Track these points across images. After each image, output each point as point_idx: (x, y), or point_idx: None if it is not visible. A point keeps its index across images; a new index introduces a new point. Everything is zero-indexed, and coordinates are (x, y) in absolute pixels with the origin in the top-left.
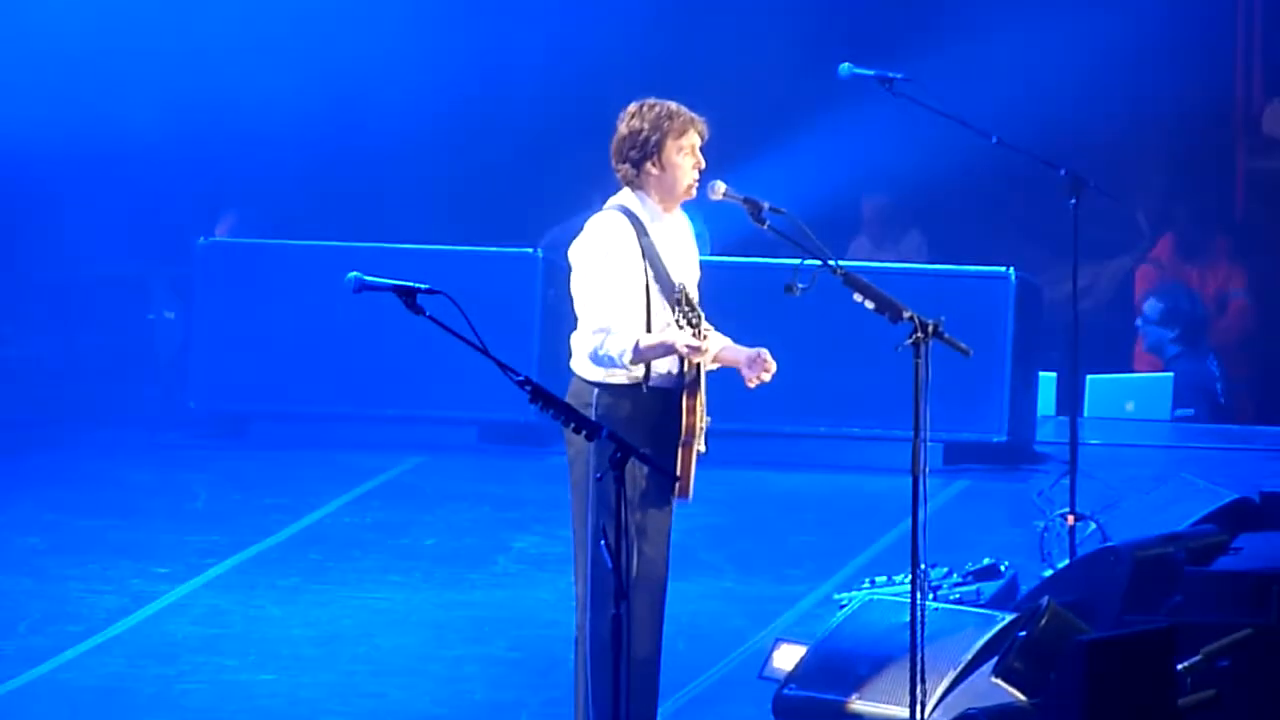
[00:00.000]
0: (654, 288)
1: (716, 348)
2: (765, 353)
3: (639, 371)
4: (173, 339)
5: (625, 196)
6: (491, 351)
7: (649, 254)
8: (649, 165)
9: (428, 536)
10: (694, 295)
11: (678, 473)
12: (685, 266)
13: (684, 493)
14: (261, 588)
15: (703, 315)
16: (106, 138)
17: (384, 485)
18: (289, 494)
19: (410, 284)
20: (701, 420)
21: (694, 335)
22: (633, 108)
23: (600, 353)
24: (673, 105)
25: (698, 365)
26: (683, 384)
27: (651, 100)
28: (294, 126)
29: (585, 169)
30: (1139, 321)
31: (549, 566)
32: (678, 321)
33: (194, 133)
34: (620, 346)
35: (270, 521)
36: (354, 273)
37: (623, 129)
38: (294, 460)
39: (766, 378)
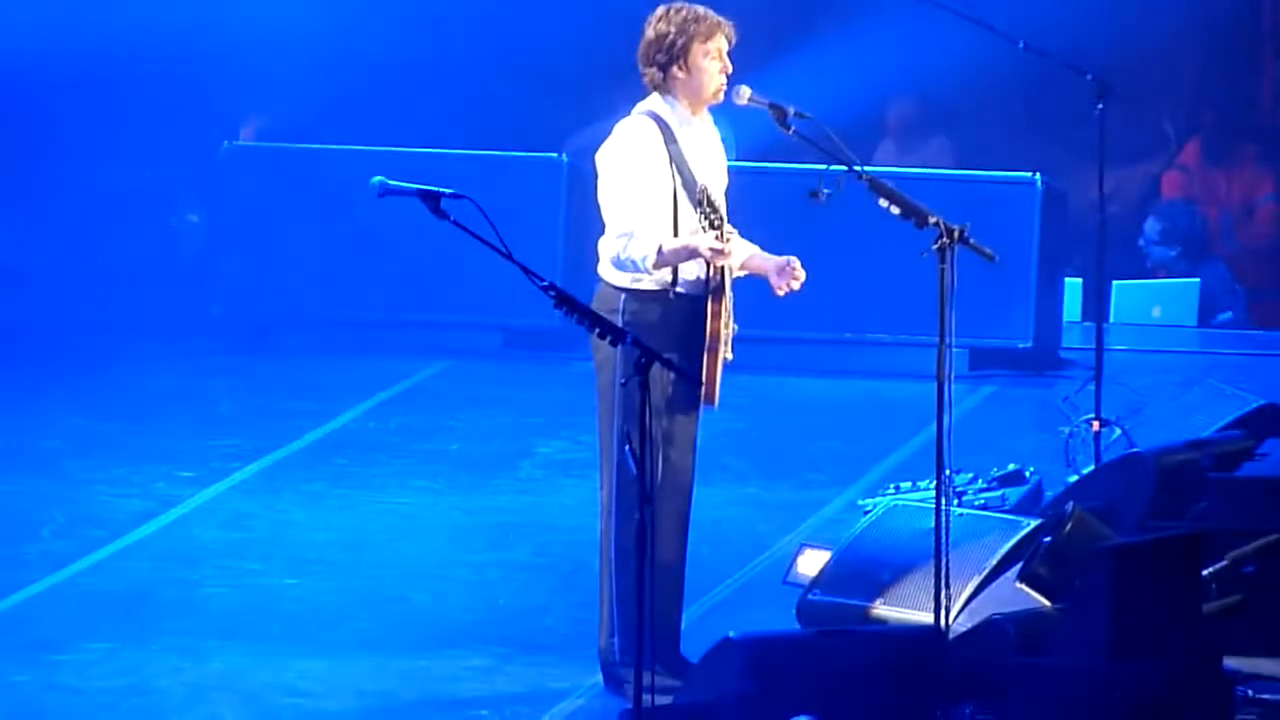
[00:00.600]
0: (681, 194)
1: (743, 255)
2: (795, 261)
3: (667, 277)
4: (196, 244)
5: (653, 101)
6: (516, 257)
7: (676, 160)
8: (675, 69)
9: (452, 442)
10: (717, 198)
11: (703, 379)
12: (713, 172)
13: (710, 400)
14: (286, 492)
15: (725, 217)
16: (130, 41)
17: (408, 390)
18: (313, 399)
19: (435, 189)
20: (727, 326)
21: (717, 237)
22: (660, 11)
23: (623, 257)
24: (700, 9)
25: (723, 270)
26: (709, 289)
27: (679, 4)
28: (318, 29)
29: (611, 73)
30: (1141, 242)
31: (573, 472)
32: (700, 223)
33: (217, 36)
34: (643, 251)
35: (294, 426)
36: (378, 177)
37: (650, 32)
38: (318, 365)
39: (796, 286)
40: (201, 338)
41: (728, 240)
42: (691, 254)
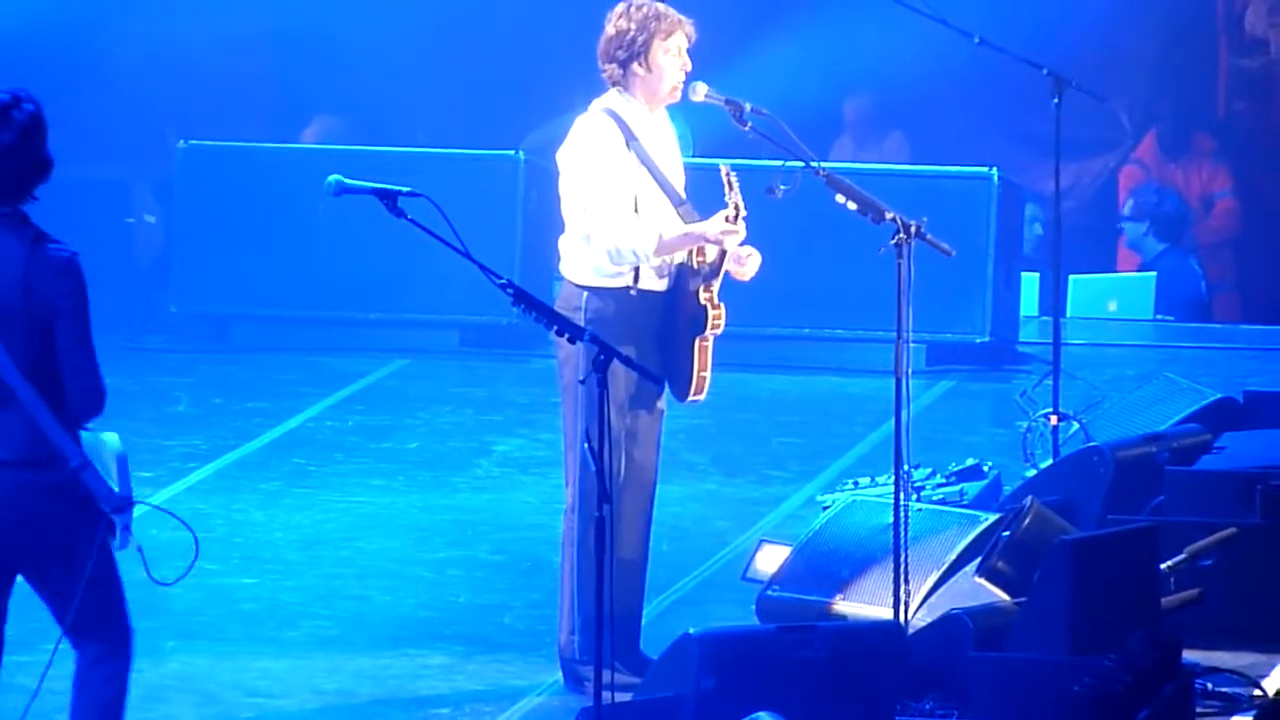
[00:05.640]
0: (647, 190)
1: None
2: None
3: (629, 274)
4: (153, 243)
5: (611, 98)
6: (474, 254)
7: (641, 157)
8: (635, 66)
9: (410, 440)
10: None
11: (694, 370)
12: (673, 168)
13: (699, 390)
14: (244, 492)
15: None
16: (84, 39)
17: (366, 389)
18: (271, 398)
19: (391, 187)
20: (717, 307)
21: (728, 219)
22: (620, 7)
23: (623, 248)
24: (661, 6)
25: (721, 255)
26: (675, 283)
27: (640, 1)
28: (273, 28)
29: (568, 69)
30: (1120, 224)
31: (531, 470)
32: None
33: (172, 35)
34: (643, 241)
35: (252, 425)
36: (334, 176)
37: (610, 29)
38: (275, 364)
39: (747, 268)
40: (158, 337)
41: (740, 216)
42: (698, 239)
